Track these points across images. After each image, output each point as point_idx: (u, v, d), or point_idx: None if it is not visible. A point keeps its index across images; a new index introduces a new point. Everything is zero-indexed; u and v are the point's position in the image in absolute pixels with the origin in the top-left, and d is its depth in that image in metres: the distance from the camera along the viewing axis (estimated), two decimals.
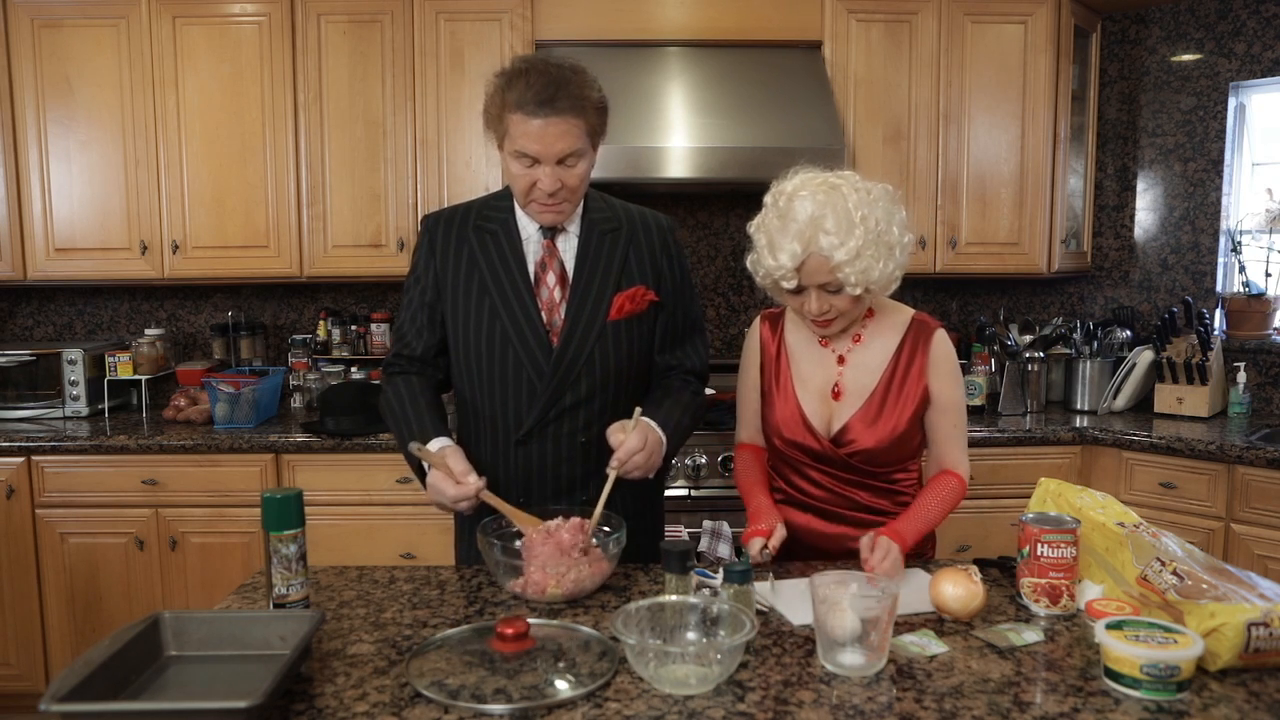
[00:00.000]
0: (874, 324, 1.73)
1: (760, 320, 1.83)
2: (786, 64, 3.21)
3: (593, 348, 1.69)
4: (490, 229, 1.72)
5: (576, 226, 1.72)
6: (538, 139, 1.55)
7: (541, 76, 1.55)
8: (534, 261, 1.71)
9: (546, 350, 1.68)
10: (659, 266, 1.77)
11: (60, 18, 3.12)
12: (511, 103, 1.55)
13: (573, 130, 1.57)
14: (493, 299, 1.69)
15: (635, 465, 1.59)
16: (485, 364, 1.71)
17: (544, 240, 1.71)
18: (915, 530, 1.62)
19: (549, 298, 1.70)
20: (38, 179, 3.17)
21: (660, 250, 1.78)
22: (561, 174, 1.59)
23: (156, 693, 1.18)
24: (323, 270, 3.24)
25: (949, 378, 1.71)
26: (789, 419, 1.71)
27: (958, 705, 1.15)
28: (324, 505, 2.90)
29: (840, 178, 1.59)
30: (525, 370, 1.68)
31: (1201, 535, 2.81)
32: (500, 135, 1.61)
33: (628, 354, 1.73)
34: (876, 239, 1.55)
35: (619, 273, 1.72)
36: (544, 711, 1.12)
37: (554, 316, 1.70)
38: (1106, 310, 3.66)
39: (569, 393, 1.69)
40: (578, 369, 1.69)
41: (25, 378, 3.27)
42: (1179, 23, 3.45)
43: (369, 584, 1.59)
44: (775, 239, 1.57)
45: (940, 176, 3.30)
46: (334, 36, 3.16)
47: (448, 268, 1.72)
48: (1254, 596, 1.26)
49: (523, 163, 1.59)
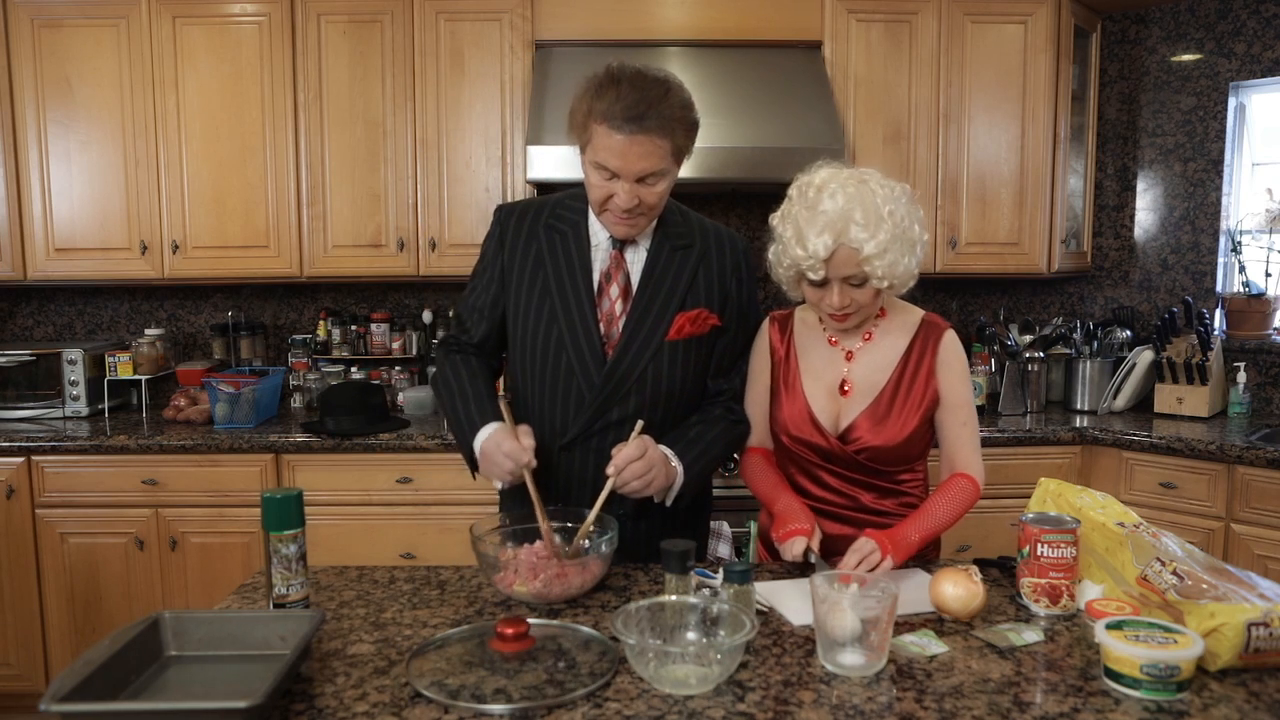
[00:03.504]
0: (885, 323, 1.73)
1: (769, 322, 1.82)
2: (786, 64, 3.21)
3: (646, 365, 1.66)
4: (561, 229, 1.70)
5: (648, 240, 1.69)
6: (620, 155, 1.51)
7: (634, 90, 1.50)
8: (599, 270, 1.68)
9: (600, 362, 1.65)
10: (727, 288, 1.73)
11: (60, 18, 3.12)
12: (599, 112, 1.51)
13: (657, 150, 1.53)
14: (553, 302, 1.67)
15: (633, 474, 1.55)
16: (539, 365, 1.69)
17: (613, 250, 1.68)
18: (921, 531, 1.60)
19: (609, 309, 1.67)
20: (38, 179, 3.17)
21: (731, 272, 1.74)
22: (640, 191, 1.55)
23: (156, 693, 1.18)
24: (323, 270, 3.24)
25: (958, 378, 1.70)
26: (796, 415, 1.71)
27: (958, 705, 1.15)
28: (324, 505, 2.90)
29: (866, 174, 1.60)
30: (576, 379, 1.67)
31: (1201, 535, 2.81)
32: (583, 142, 1.58)
33: (681, 375, 1.70)
34: (901, 234, 1.56)
35: (685, 291, 1.69)
36: (544, 711, 1.12)
37: (612, 329, 1.67)
38: (1106, 310, 3.66)
39: (616, 408, 1.67)
40: (628, 385, 1.66)
41: (25, 378, 3.27)
42: (1179, 23, 3.45)
43: (369, 584, 1.59)
44: (804, 230, 1.56)
45: (940, 176, 3.30)
46: (334, 36, 3.16)
47: (515, 262, 1.71)
48: (1254, 596, 1.26)
49: (602, 174, 1.55)
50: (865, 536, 1.55)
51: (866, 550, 1.52)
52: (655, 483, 1.59)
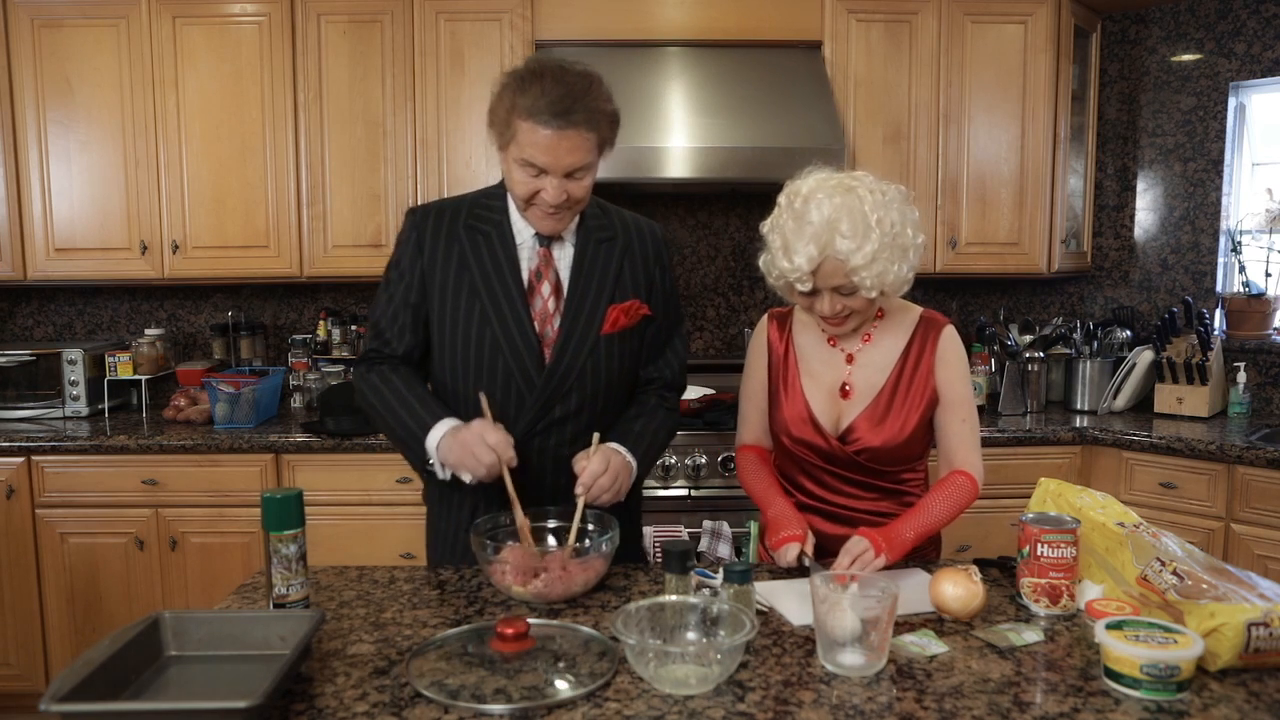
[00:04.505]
0: (883, 323, 1.72)
1: (768, 319, 1.81)
2: (786, 64, 3.21)
3: (585, 361, 1.66)
4: (483, 230, 1.67)
5: (573, 236, 1.69)
6: (548, 151, 1.50)
7: (558, 85, 1.49)
8: (528, 269, 1.67)
9: (538, 362, 1.64)
10: (652, 277, 1.74)
11: (60, 18, 3.12)
12: (523, 108, 1.49)
13: (585, 144, 1.53)
14: (484, 304, 1.64)
15: (601, 489, 1.55)
16: (474, 369, 1.66)
17: (540, 248, 1.67)
18: (916, 528, 1.60)
19: (543, 308, 1.66)
20: (38, 179, 3.17)
21: (654, 260, 1.75)
22: (568, 186, 1.55)
23: (156, 693, 1.18)
24: (323, 270, 3.24)
25: (957, 374, 1.69)
26: (796, 417, 1.71)
27: (958, 705, 1.15)
28: (324, 505, 2.90)
29: (855, 179, 1.58)
30: (515, 381, 1.65)
31: (1201, 535, 2.81)
32: (506, 139, 1.55)
33: (619, 368, 1.71)
34: (892, 241, 1.54)
35: (614, 284, 1.69)
36: (544, 711, 1.12)
37: (547, 327, 1.66)
38: (1106, 310, 3.66)
39: (559, 406, 1.66)
40: (569, 383, 1.65)
41: (25, 378, 3.27)
42: (1179, 23, 3.45)
43: (369, 584, 1.59)
44: (791, 241, 1.55)
45: (940, 176, 3.30)
46: (334, 36, 3.16)
47: (435, 266, 1.66)
48: (1254, 596, 1.26)
49: (528, 171, 1.54)
50: (858, 535, 1.55)
51: (859, 550, 1.52)
52: (622, 488, 1.60)
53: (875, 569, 1.51)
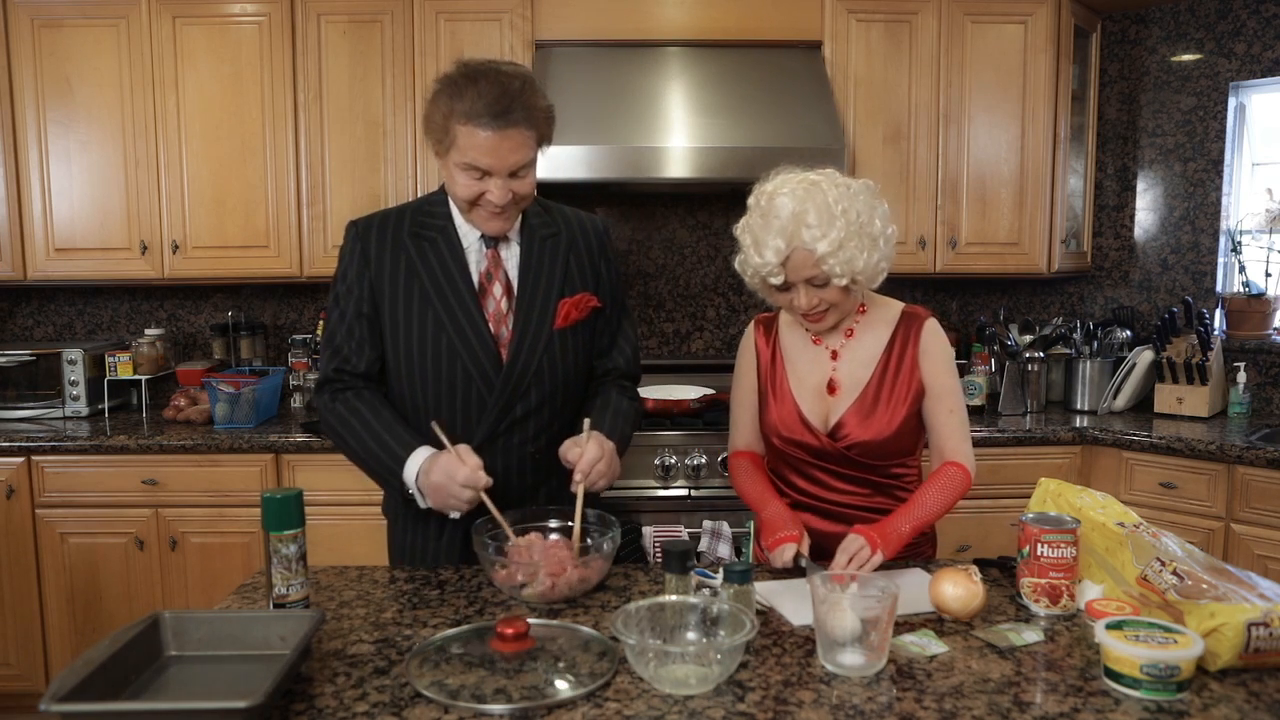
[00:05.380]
0: (865, 319, 1.74)
1: (754, 326, 1.84)
2: (786, 64, 3.21)
3: (541, 358, 1.67)
4: (429, 236, 1.67)
5: (518, 235, 1.70)
6: (490, 152, 1.51)
7: (494, 86, 1.50)
8: (478, 272, 1.67)
9: (496, 363, 1.65)
10: (598, 270, 1.76)
11: (60, 18, 3.12)
12: (461, 112, 1.50)
13: (526, 142, 1.54)
14: (436, 311, 1.64)
15: (599, 474, 1.57)
16: (431, 377, 1.66)
17: (487, 250, 1.67)
18: (912, 521, 1.61)
19: (496, 309, 1.67)
20: (38, 179, 3.17)
21: (599, 254, 1.77)
22: (513, 185, 1.56)
23: (156, 693, 1.18)
24: (323, 270, 3.24)
25: (941, 366, 1.71)
26: (786, 417, 1.72)
27: (958, 705, 1.15)
28: (324, 505, 2.90)
29: (820, 174, 1.63)
30: (474, 383, 1.65)
31: (1201, 535, 2.81)
32: (445, 145, 1.55)
33: (574, 361, 1.73)
34: (859, 230, 1.58)
35: (562, 279, 1.70)
36: (544, 711, 1.12)
37: (501, 328, 1.67)
38: (1106, 310, 3.66)
39: (519, 404, 1.67)
40: (528, 380, 1.66)
41: (25, 378, 3.27)
42: (1179, 23, 3.45)
43: (369, 584, 1.59)
44: (760, 237, 1.60)
45: (940, 176, 3.30)
46: (334, 36, 3.16)
47: (384, 277, 1.65)
48: (1254, 596, 1.26)
49: (471, 174, 1.55)
50: (854, 533, 1.56)
51: (854, 548, 1.53)
52: (614, 474, 1.63)
53: (873, 566, 1.51)
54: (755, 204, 1.64)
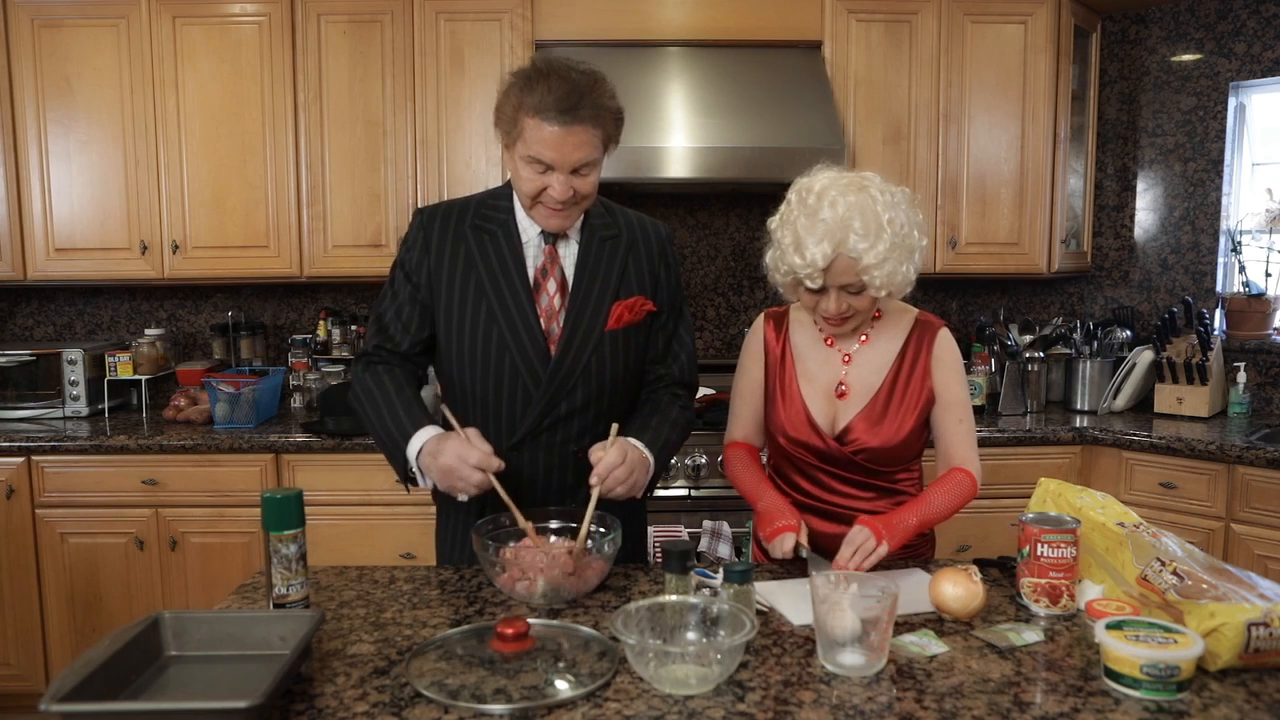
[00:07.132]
0: (880, 324, 1.73)
1: (764, 319, 1.82)
2: (786, 64, 3.21)
3: (590, 357, 1.67)
4: (489, 229, 1.69)
5: (578, 233, 1.70)
6: (555, 147, 1.53)
7: (564, 83, 1.52)
8: (534, 267, 1.68)
9: (544, 358, 1.66)
10: (657, 275, 1.75)
11: (60, 18, 3.12)
12: (530, 106, 1.52)
13: (591, 140, 1.55)
14: (490, 302, 1.66)
15: (616, 480, 1.55)
16: (480, 368, 1.68)
17: (545, 246, 1.69)
18: (919, 515, 1.60)
19: (548, 305, 1.68)
20: (38, 179, 3.17)
21: (659, 258, 1.76)
22: (575, 182, 1.57)
23: (156, 693, 1.18)
24: (323, 270, 3.24)
25: (953, 376, 1.70)
26: (794, 418, 1.71)
27: (958, 705, 1.15)
28: (324, 505, 2.90)
29: (866, 179, 1.59)
30: (521, 377, 1.66)
31: (1201, 535, 2.81)
32: (513, 137, 1.57)
33: (624, 364, 1.71)
34: (901, 242, 1.56)
35: (618, 281, 1.70)
36: (544, 711, 1.12)
37: (552, 324, 1.67)
38: (1106, 310, 3.66)
39: (564, 402, 1.67)
40: (574, 379, 1.66)
41: (25, 378, 3.27)
42: (1179, 23, 3.45)
43: (369, 584, 1.59)
44: (803, 237, 1.56)
45: (940, 176, 3.30)
46: (334, 36, 3.16)
47: (443, 266, 1.68)
48: (1254, 596, 1.26)
49: (535, 168, 1.56)
50: (859, 524, 1.55)
51: (860, 540, 1.53)
52: (638, 483, 1.60)
53: (878, 558, 1.51)
54: (799, 201, 1.60)
